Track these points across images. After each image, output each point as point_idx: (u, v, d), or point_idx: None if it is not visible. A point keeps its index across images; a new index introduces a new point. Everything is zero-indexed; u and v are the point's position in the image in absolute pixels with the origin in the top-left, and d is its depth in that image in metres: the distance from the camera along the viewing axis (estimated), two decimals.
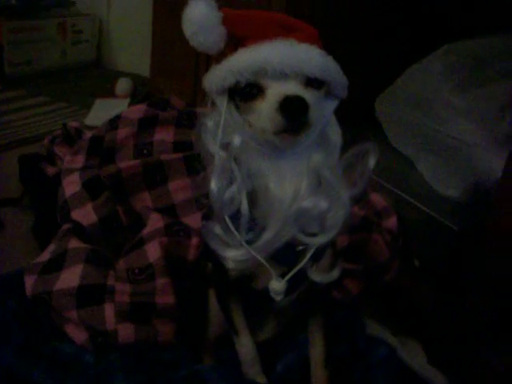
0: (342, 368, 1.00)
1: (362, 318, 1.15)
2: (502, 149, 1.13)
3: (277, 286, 0.80)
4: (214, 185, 0.76)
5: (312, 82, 0.73)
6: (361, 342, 1.07)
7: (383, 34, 1.80)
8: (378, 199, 1.37)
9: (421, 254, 1.29)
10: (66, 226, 1.23)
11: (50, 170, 1.56)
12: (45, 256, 1.16)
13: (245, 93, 0.73)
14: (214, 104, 0.79)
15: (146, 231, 1.17)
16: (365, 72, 1.82)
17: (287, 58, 0.70)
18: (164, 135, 1.37)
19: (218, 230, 0.79)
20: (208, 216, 0.83)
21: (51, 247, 1.19)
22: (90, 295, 1.06)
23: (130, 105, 2.49)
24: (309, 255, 0.79)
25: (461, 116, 1.39)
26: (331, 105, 0.79)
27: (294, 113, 0.69)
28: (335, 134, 0.80)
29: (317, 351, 0.93)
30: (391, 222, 1.32)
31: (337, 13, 1.71)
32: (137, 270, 1.08)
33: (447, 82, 1.45)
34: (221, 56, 0.76)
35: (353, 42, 1.76)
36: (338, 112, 0.82)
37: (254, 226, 0.77)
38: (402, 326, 1.18)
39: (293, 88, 0.71)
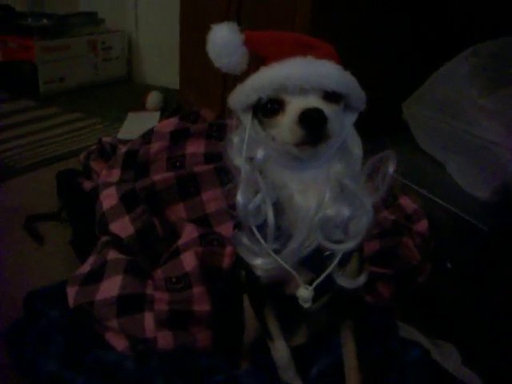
0: (376, 370, 1.01)
1: (395, 320, 1.16)
2: None
3: (304, 293, 0.82)
4: (240, 197, 0.79)
5: (330, 96, 0.76)
6: (394, 344, 1.08)
7: (410, 38, 1.81)
8: (407, 203, 1.38)
9: (452, 255, 1.30)
10: (104, 239, 1.28)
11: (87, 185, 1.62)
12: (85, 268, 1.21)
13: (267, 108, 0.77)
14: (239, 120, 0.83)
15: (181, 242, 1.21)
16: (392, 77, 1.84)
17: (306, 74, 0.74)
18: (195, 148, 1.41)
19: (245, 239, 0.83)
20: (239, 225, 0.86)
21: (91, 259, 1.23)
22: (129, 304, 1.10)
23: (160, 117, 2.54)
24: (335, 261, 0.81)
25: (488, 117, 1.39)
26: (351, 118, 0.82)
27: (312, 124, 0.72)
28: (356, 146, 0.82)
29: (349, 355, 0.94)
30: (422, 225, 1.33)
31: (359, 24, 1.73)
32: (174, 279, 1.12)
33: (474, 84, 1.45)
34: (245, 74, 0.80)
35: (378, 50, 1.78)
36: (365, 116, 0.84)
37: (281, 236, 0.80)
38: (435, 328, 1.18)
39: (312, 102, 0.74)
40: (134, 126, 2.37)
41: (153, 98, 2.73)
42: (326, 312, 1.00)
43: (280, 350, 0.94)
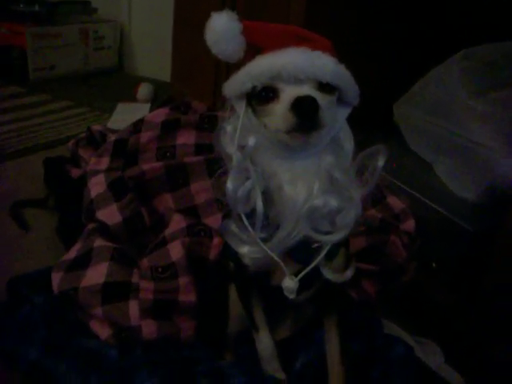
0: (360, 365, 1.02)
1: (379, 317, 1.17)
2: None
3: (289, 283, 0.82)
4: (230, 183, 0.79)
5: (324, 87, 0.76)
6: (378, 340, 1.08)
7: (402, 40, 1.82)
8: (395, 202, 1.39)
9: (438, 255, 1.31)
10: (91, 226, 1.27)
11: (75, 172, 1.60)
12: (71, 254, 1.20)
13: (261, 96, 0.77)
14: (232, 109, 0.83)
15: (168, 231, 1.20)
16: (384, 77, 1.84)
17: (301, 64, 0.74)
18: (186, 138, 1.41)
19: (234, 227, 0.83)
20: (228, 216, 0.86)
21: (77, 245, 1.22)
22: (114, 292, 1.09)
23: (151, 109, 2.53)
24: (323, 253, 0.81)
25: (478, 119, 1.40)
26: (344, 112, 0.83)
27: (304, 112, 0.73)
28: (347, 141, 0.83)
29: (333, 349, 0.94)
30: (409, 224, 1.33)
31: (356, 22, 1.73)
32: (160, 269, 1.11)
33: (465, 87, 1.46)
34: (240, 64, 0.80)
35: (372, 48, 1.78)
36: (356, 116, 0.85)
37: (269, 225, 0.80)
38: (419, 326, 1.19)
39: (305, 91, 0.74)
40: (123, 117, 2.35)
41: (143, 90, 2.72)
42: (311, 306, 1.00)
43: (264, 342, 0.95)
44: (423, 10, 1.81)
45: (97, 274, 1.11)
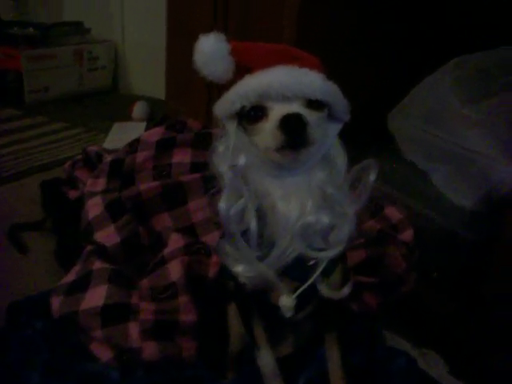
0: (362, 379, 1.01)
1: (381, 329, 1.16)
2: None
3: (286, 301, 0.82)
4: (222, 202, 0.80)
5: (313, 104, 0.77)
6: (380, 352, 1.08)
7: (396, 50, 1.84)
8: (393, 212, 1.38)
9: (438, 265, 1.31)
10: (89, 248, 1.26)
11: (72, 194, 1.60)
12: (70, 277, 1.19)
13: (250, 115, 0.78)
14: (224, 128, 0.84)
15: (167, 251, 1.20)
16: (377, 88, 1.85)
17: (289, 82, 0.75)
18: (182, 157, 1.41)
19: (228, 246, 0.83)
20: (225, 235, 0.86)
21: (76, 268, 1.22)
22: (114, 314, 1.08)
23: (146, 128, 2.53)
24: (319, 270, 0.82)
25: (472, 127, 1.41)
26: (335, 128, 0.83)
27: (292, 128, 0.73)
28: (339, 157, 0.83)
29: (334, 365, 0.94)
30: (407, 234, 1.33)
31: (348, 34, 1.74)
32: (160, 289, 1.10)
33: (457, 95, 1.47)
34: (230, 84, 0.81)
35: (366, 60, 1.80)
36: (351, 127, 0.85)
37: (263, 243, 0.80)
38: (421, 337, 1.18)
39: (294, 108, 0.75)
40: (119, 136, 2.37)
41: (139, 108, 2.73)
42: (311, 322, 1.00)
43: (266, 359, 0.94)
44: (415, 21, 1.82)
45: (96, 297, 1.11)
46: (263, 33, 1.75)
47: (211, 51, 0.78)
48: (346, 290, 0.87)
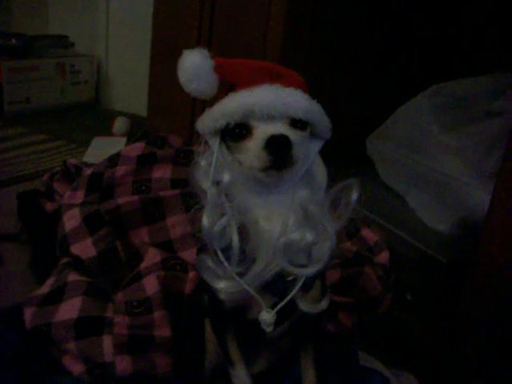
0: None
1: (356, 349, 1.17)
2: (488, 184, 1.16)
3: (267, 316, 0.82)
4: (205, 219, 0.80)
5: (296, 123, 0.78)
6: (354, 372, 1.09)
7: (376, 75, 1.87)
8: (370, 234, 1.40)
9: (412, 287, 1.32)
10: (65, 260, 1.25)
11: (49, 206, 1.59)
12: (44, 288, 1.18)
13: (235, 133, 0.78)
14: (206, 144, 0.84)
15: (143, 265, 1.19)
16: (357, 112, 1.89)
17: (273, 101, 0.75)
18: (162, 173, 1.41)
19: (210, 262, 0.83)
20: (202, 250, 0.86)
21: (50, 280, 1.20)
22: (88, 327, 1.07)
23: (126, 143, 2.53)
24: (298, 286, 0.82)
25: (449, 153, 1.43)
26: (316, 145, 0.84)
27: (278, 150, 0.74)
28: (320, 174, 0.85)
29: (309, 382, 0.94)
30: (383, 256, 1.35)
31: (330, 58, 1.77)
32: (135, 303, 1.10)
33: (436, 121, 1.49)
34: (213, 100, 0.81)
35: (346, 84, 1.83)
36: (330, 150, 0.86)
37: (245, 259, 0.80)
38: (395, 358, 1.19)
39: (278, 128, 0.76)
40: (99, 151, 2.36)
41: (120, 124, 2.72)
42: (288, 339, 1.00)
43: (240, 376, 0.93)
44: (397, 44, 1.86)
45: (70, 309, 1.10)
46: (247, 49, 1.78)
47: (194, 68, 0.79)
48: (325, 303, 0.87)
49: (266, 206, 0.81)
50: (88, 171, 1.49)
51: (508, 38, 1.67)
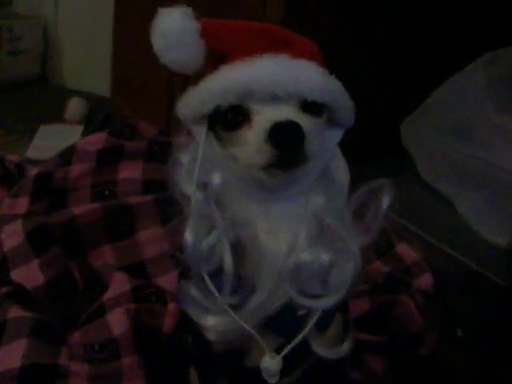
0: None
1: None
2: None
3: (270, 364, 0.82)
4: (188, 234, 0.79)
5: (310, 107, 0.77)
6: None
7: (409, 46, 1.87)
8: (406, 251, 1.40)
9: (464, 319, 1.32)
10: (3, 290, 1.25)
11: None
12: None
13: (227, 120, 0.78)
14: (189, 135, 0.84)
15: (107, 296, 1.20)
16: (389, 92, 1.88)
17: (279, 77, 0.75)
18: (130, 172, 1.41)
19: (194, 291, 0.83)
20: (185, 275, 0.86)
21: None
22: (36, 378, 1.07)
23: (84, 132, 2.53)
24: (312, 323, 0.82)
25: (509, 141, 1.43)
26: (335, 135, 0.84)
27: (285, 142, 0.73)
28: (341, 173, 0.85)
29: None
30: (424, 279, 1.35)
31: (352, 24, 1.77)
32: (97, 347, 1.10)
33: (492, 100, 1.49)
34: (199, 76, 0.81)
35: (371, 56, 1.82)
36: (353, 141, 0.86)
37: (241, 287, 0.81)
38: None
39: (285, 113, 0.75)
40: (48, 143, 2.37)
41: (74, 107, 2.73)
42: None
43: None
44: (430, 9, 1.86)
45: (12, 356, 1.09)
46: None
47: (175, 31, 0.78)
48: (347, 345, 0.87)
49: (269, 216, 0.81)
50: (33, 171, 1.49)
51: None
